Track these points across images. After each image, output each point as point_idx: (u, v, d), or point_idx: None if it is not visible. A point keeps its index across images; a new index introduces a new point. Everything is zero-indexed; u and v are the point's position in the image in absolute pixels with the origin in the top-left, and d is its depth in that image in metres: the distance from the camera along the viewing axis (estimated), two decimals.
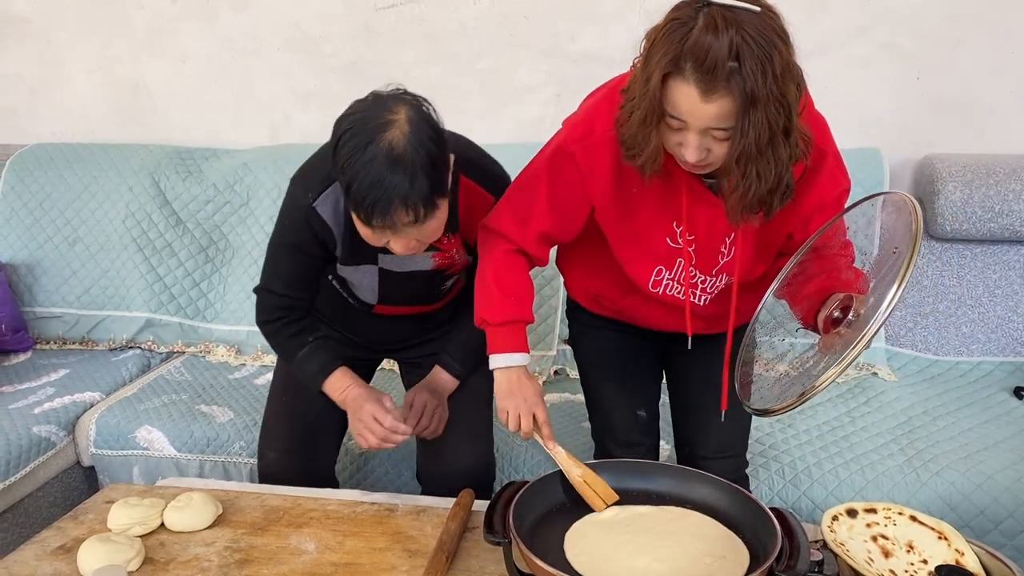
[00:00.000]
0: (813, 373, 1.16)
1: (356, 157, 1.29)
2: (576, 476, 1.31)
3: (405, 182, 1.28)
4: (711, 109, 1.12)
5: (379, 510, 1.45)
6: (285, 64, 2.72)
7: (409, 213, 1.30)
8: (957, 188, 2.20)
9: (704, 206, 1.34)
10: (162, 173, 2.63)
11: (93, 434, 2.11)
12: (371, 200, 1.29)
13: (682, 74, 1.12)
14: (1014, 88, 2.37)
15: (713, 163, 1.22)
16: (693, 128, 1.16)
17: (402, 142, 1.29)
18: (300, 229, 1.52)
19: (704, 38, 1.09)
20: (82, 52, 2.84)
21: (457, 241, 1.58)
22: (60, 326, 2.60)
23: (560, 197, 1.38)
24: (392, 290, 1.65)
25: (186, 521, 1.39)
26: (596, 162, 1.34)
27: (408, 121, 1.31)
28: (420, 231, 1.36)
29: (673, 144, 1.21)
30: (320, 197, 1.48)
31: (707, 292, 1.46)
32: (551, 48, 2.55)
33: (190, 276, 2.58)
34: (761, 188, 1.19)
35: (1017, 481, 1.72)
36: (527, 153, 2.44)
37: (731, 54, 1.08)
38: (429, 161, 1.30)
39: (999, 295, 2.25)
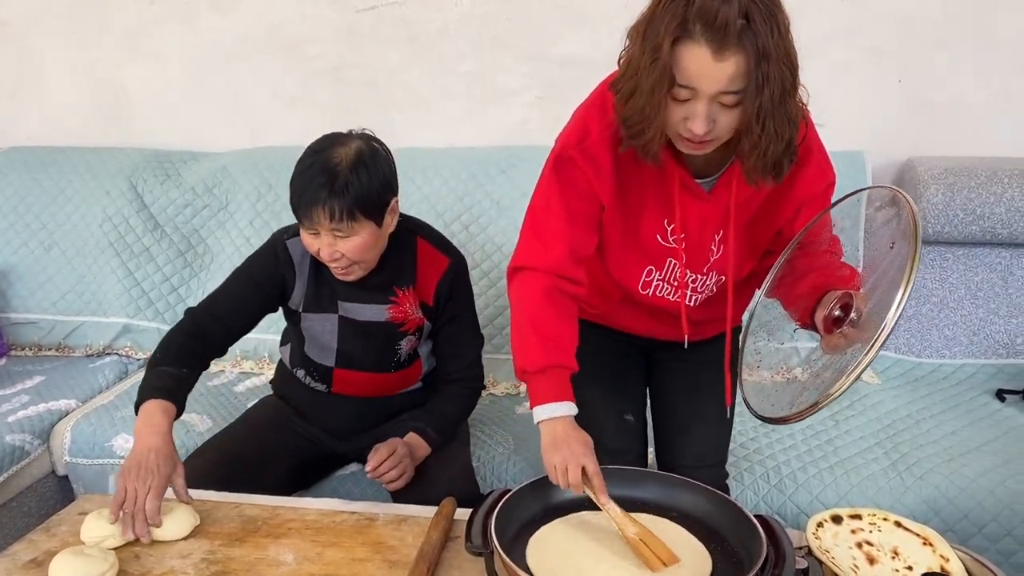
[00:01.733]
0: (824, 380, 1.13)
1: (300, 165, 1.52)
2: (631, 534, 1.21)
3: (327, 187, 1.47)
4: (725, 69, 1.11)
5: (359, 519, 1.42)
6: (266, 67, 2.69)
7: (326, 214, 1.47)
8: (939, 191, 2.20)
9: (696, 202, 1.34)
10: (140, 176, 2.60)
11: (68, 442, 2.07)
12: (297, 197, 1.50)
13: (692, 36, 1.10)
14: (995, 91, 2.38)
15: (718, 137, 1.20)
16: (703, 95, 1.14)
17: (339, 159, 1.50)
18: (266, 259, 1.68)
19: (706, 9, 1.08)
20: (61, 55, 2.79)
21: (413, 296, 1.69)
22: (35, 332, 2.55)
23: (573, 204, 1.35)
24: (350, 345, 1.70)
25: (163, 531, 1.36)
26: (598, 162, 1.32)
27: (355, 150, 1.52)
28: (344, 243, 1.52)
29: (678, 120, 1.18)
30: (295, 238, 1.64)
31: (698, 292, 1.45)
32: (534, 51, 2.54)
33: (168, 281, 2.55)
34: (779, 145, 1.18)
35: (1000, 485, 1.72)
36: (510, 156, 2.47)
37: (740, 12, 1.08)
38: (358, 180, 1.49)
39: (981, 297, 2.26)
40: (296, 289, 1.68)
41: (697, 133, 1.17)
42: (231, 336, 1.68)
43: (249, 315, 1.69)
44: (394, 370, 1.75)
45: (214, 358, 1.67)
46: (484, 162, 2.47)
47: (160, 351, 1.59)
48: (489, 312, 2.34)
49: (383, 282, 1.66)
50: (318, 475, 1.85)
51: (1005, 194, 2.17)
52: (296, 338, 1.75)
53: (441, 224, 2.39)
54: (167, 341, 1.61)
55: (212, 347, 1.66)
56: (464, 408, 1.79)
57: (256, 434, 1.76)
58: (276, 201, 2.52)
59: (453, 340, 1.76)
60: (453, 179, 2.44)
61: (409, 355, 1.75)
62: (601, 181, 1.33)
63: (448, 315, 1.72)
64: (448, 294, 1.70)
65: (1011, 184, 2.18)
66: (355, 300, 1.67)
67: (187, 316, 1.66)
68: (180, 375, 1.55)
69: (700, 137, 1.18)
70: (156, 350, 1.60)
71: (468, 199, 2.43)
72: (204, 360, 1.64)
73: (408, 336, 1.72)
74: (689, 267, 1.41)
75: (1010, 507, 1.68)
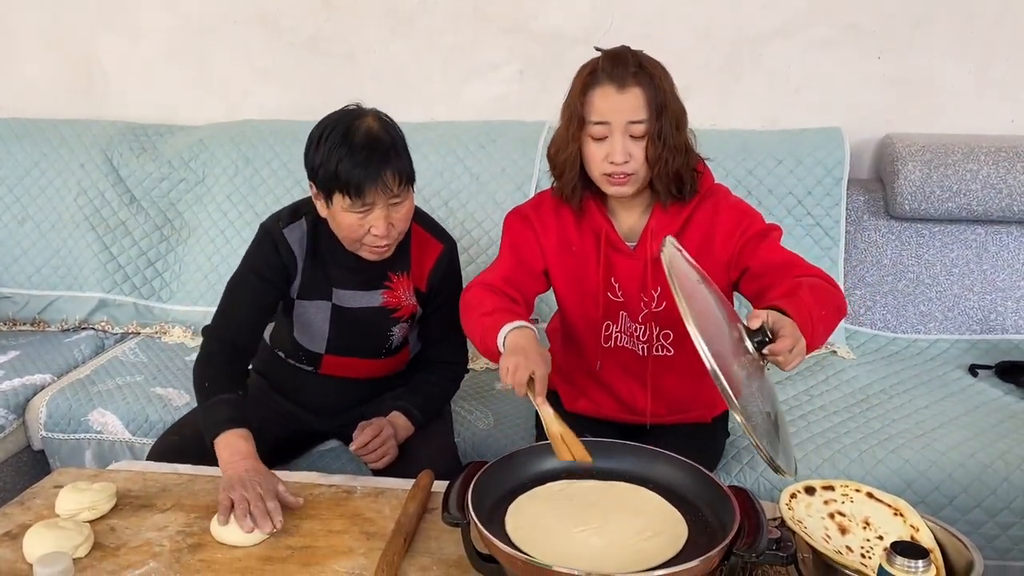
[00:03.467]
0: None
1: (337, 147, 1.46)
2: (555, 431, 1.27)
3: (390, 153, 1.47)
4: (629, 100, 1.39)
5: (336, 492, 1.43)
6: (243, 39, 2.66)
7: (395, 181, 1.47)
8: (916, 168, 2.22)
9: (623, 259, 1.52)
10: (115, 150, 2.57)
11: (44, 417, 2.06)
12: (357, 175, 1.45)
13: (598, 81, 1.41)
14: (972, 68, 2.39)
15: (636, 171, 1.42)
16: (616, 127, 1.39)
17: (376, 126, 1.49)
18: (266, 252, 1.62)
19: (610, 58, 1.41)
20: (34, 26, 2.75)
21: (407, 282, 1.68)
22: (10, 307, 2.53)
23: (519, 246, 1.57)
24: (342, 332, 1.68)
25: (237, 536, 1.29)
26: (545, 222, 1.56)
27: (375, 118, 1.52)
28: (396, 211, 1.51)
29: (600, 160, 1.42)
30: (289, 226, 1.62)
31: (642, 341, 1.57)
32: (514, 25, 2.52)
33: (145, 255, 2.53)
34: (678, 160, 1.42)
35: (971, 457, 1.74)
36: (490, 131, 2.45)
37: (635, 62, 1.40)
38: (402, 142, 1.52)
39: (956, 274, 2.28)
40: (297, 277, 1.65)
41: (616, 161, 1.40)
42: (257, 339, 1.68)
43: (266, 313, 1.66)
44: (384, 356, 1.74)
45: (250, 364, 1.68)
46: (463, 137, 2.46)
47: (206, 379, 1.54)
48: None
49: (379, 267, 1.63)
50: (296, 451, 1.85)
51: (981, 171, 2.19)
52: (284, 323, 1.72)
53: (420, 200, 2.37)
54: (208, 366, 1.57)
55: (247, 357, 1.65)
56: (447, 390, 1.80)
57: None
58: (254, 176, 2.49)
59: (440, 325, 1.74)
60: (432, 154, 2.43)
61: (400, 342, 1.74)
62: (546, 238, 1.56)
63: (439, 300, 1.71)
64: (440, 280, 1.70)
65: (987, 161, 2.19)
66: (350, 286, 1.65)
67: (211, 339, 1.61)
68: (238, 399, 1.51)
69: (620, 169, 1.41)
70: (201, 379, 1.55)
71: (447, 174, 2.42)
72: (247, 373, 1.66)
73: (401, 323, 1.70)
74: (631, 318, 1.56)
75: (979, 479, 1.71)
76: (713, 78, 2.49)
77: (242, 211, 2.48)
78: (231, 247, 2.45)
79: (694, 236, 1.49)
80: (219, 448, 1.43)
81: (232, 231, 2.48)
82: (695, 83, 2.48)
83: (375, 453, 1.59)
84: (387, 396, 1.77)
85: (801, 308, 1.24)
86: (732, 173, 2.31)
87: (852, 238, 2.32)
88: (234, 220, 2.49)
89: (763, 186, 2.30)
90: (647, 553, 1.13)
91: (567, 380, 1.71)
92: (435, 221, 1.75)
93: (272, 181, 2.49)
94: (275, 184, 2.48)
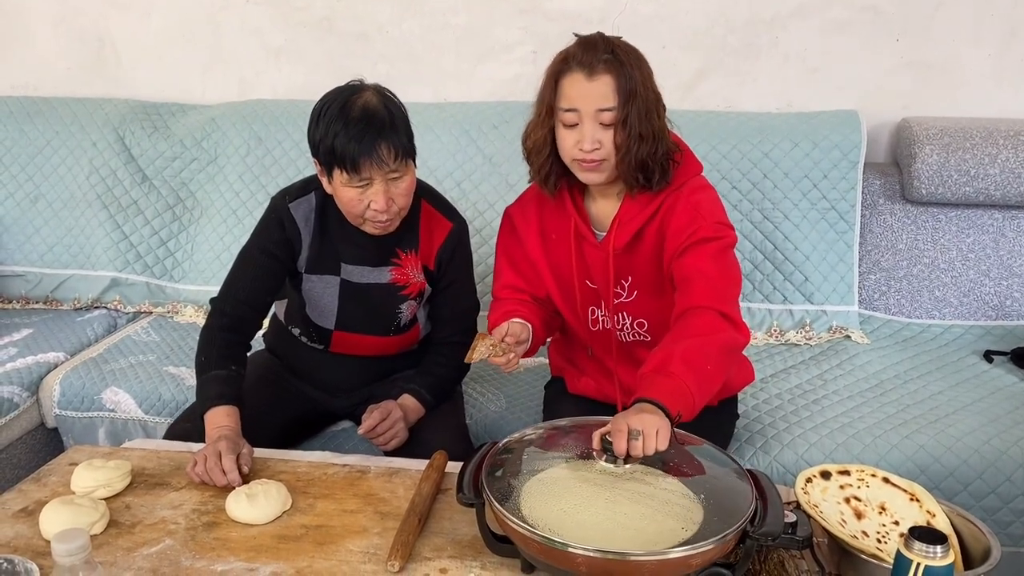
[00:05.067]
0: None
1: (335, 121, 1.46)
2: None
3: (385, 126, 1.46)
4: (598, 87, 1.38)
5: (350, 472, 1.43)
6: (255, 18, 2.64)
7: (391, 154, 1.46)
8: (934, 152, 2.19)
9: (592, 249, 1.54)
10: (127, 129, 2.56)
11: (57, 395, 2.07)
12: (353, 149, 1.44)
13: (569, 68, 1.40)
14: (992, 52, 2.36)
15: (606, 157, 1.42)
16: (585, 114, 1.39)
17: (374, 101, 1.49)
18: (272, 228, 1.63)
19: (582, 45, 1.41)
20: (45, 4, 2.73)
21: (415, 260, 1.68)
22: (23, 285, 2.53)
23: (510, 249, 1.63)
24: (350, 307, 1.68)
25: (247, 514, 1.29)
26: (527, 215, 1.60)
27: (375, 92, 1.51)
28: (396, 186, 1.51)
29: (571, 145, 1.42)
30: (296, 201, 1.62)
31: (623, 330, 1.59)
32: (528, 5, 2.50)
33: (157, 235, 2.53)
34: (644, 148, 1.40)
35: (986, 443, 1.73)
36: (504, 111, 2.44)
37: (607, 49, 1.39)
38: (402, 116, 1.51)
39: (972, 259, 2.26)
40: (303, 252, 1.65)
41: (585, 148, 1.40)
42: (262, 313, 1.68)
43: (271, 288, 1.67)
44: (393, 334, 1.74)
45: (251, 340, 1.67)
46: (476, 118, 2.44)
47: (204, 353, 1.60)
48: (480, 270, 2.32)
49: (387, 243, 1.63)
50: (309, 432, 1.85)
51: (1000, 156, 2.16)
52: (296, 298, 1.73)
53: (433, 181, 2.36)
54: (207, 341, 1.61)
55: (250, 331, 1.66)
56: (457, 369, 1.78)
57: (248, 393, 1.74)
58: (266, 155, 2.49)
59: (449, 304, 1.75)
60: (445, 135, 2.42)
61: (409, 320, 1.74)
62: (528, 233, 1.60)
63: (447, 280, 1.72)
64: (449, 259, 1.70)
65: (1006, 146, 2.17)
66: (358, 262, 1.66)
67: (215, 309, 1.64)
68: (231, 375, 1.56)
69: (590, 155, 1.41)
70: (200, 352, 1.61)
71: (460, 155, 2.40)
72: (245, 349, 1.66)
73: (409, 300, 1.70)
74: (606, 307, 1.58)
75: (994, 465, 1.70)
76: (729, 60, 2.46)
77: (254, 191, 2.48)
78: (243, 226, 2.45)
79: (653, 228, 1.49)
80: (206, 421, 1.51)
81: (244, 211, 2.47)
82: (711, 65, 2.47)
83: (384, 436, 1.60)
84: (398, 377, 1.77)
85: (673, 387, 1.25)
86: (748, 156, 2.29)
87: (868, 222, 2.31)
88: (246, 200, 2.48)
89: (779, 169, 2.29)
90: (662, 534, 1.12)
91: (570, 362, 1.73)
92: (446, 200, 1.74)
93: (284, 161, 2.48)
94: (287, 164, 2.47)
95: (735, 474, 1.21)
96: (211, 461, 1.37)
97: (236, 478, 1.36)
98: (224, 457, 1.37)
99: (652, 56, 1.46)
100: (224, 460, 1.37)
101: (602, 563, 1.05)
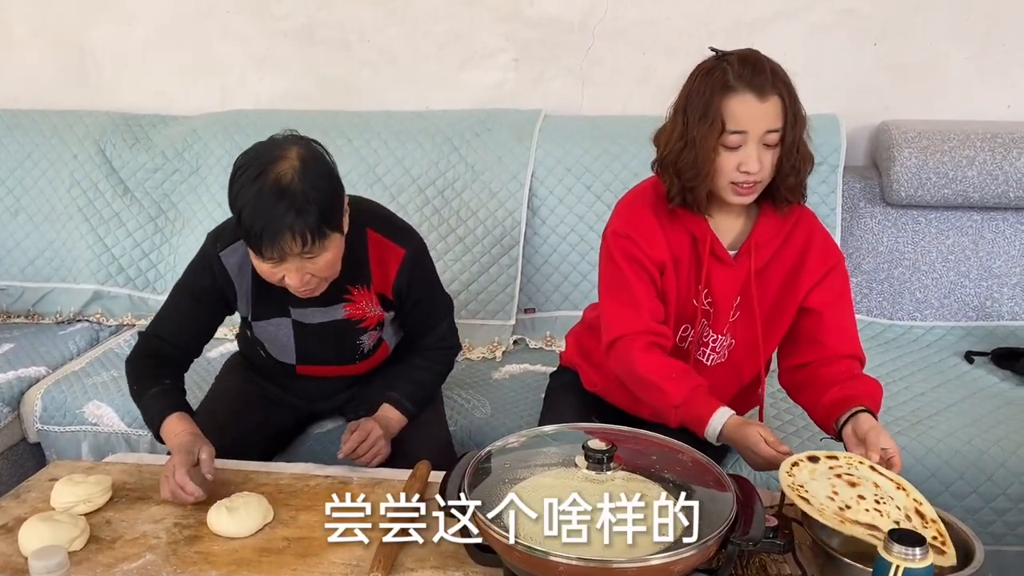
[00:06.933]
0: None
1: (246, 189, 1.34)
2: None
3: (292, 211, 1.32)
4: (769, 109, 1.36)
5: (333, 483, 1.43)
6: (236, 27, 2.64)
7: (297, 241, 1.33)
8: (913, 154, 2.21)
9: (721, 268, 1.48)
10: (108, 140, 2.55)
11: (39, 410, 2.05)
12: (258, 228, 1.33)
13: (736, 90, 1.36)
14: (970, 55, 2.38)
15: (763, 180, 1.40)
16: (753, 136, 1.36)
17: (290, 174, 1.34)
18: (201, 275, 1.56)
19: (746, 64, 1.37)
20: (24, 13, 2.72)
21: (369, 294, 1.60)
22: (4, 299, 2.51)
23: (640, 273, 1.49)
24: (309, 345, 1.63)
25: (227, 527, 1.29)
26: (648, 233, 1.48)
27: (298, 157, 1.36)
28: (313, 264, 1.38)
29: (731, 168, 1.38)
30: (228, 248, 1.53)
31: (715, 352, 1.56)
32: (511, 12, 2.50)
33: (139, 247, 2.51)
34: (807, 169, 1.42)
35: (967, 444, 1.75)
36: (486, 119, 2.44)
37: (770, 69, 1.37)
38: (317, 192, 1.35)
39: (952, 261, 2.28)
40: (240, 300, 1.58)
41: (752, 171, 1.37)
42: (188, 354, 1.62)
43: (198, 332, 1.62)
44: (359, 360, 1.70)
45: (183, 372, 1.62)
46: (459, 126, 2.44)
47: (134, 382, 1.55)
48: (465, 277, 2.33)
49: (335, 282, 1.51)
50: (298, 432, 1.83)
51: (977, 158, 2.18)
52: (251, 336, 1.68)
53: (415, 189, 2.37)
54: (132, 370, 1.57)
55: (176, 366, 1.60)
56: (439, 373, 1.75)
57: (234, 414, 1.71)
58: None
59: (421, 321, 1.69)
60: (427, 143, 2.42)
61: (373, 346, 1.69)
62: (653, 248, 1.48)
63: (412, 301, 1.64)
64: (408, 285, 1.61)
65: (983, 148, 2.19)
66: (306, 304, 1.55)
67: (140, 340, 1.60)
68: (166, 387, 1.52)
69: (753, 179, 1.38)
70: (129, 382, 1.57)
71: (443, 164, 2.40)
72: (176, 369, 1.60)
73: (369, 331, 1.65)
74: (713, 327, 1.53)
75: (976, 465, 1.71)
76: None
77: None
78: None
79: (788, 257, 1.50)
80: (164, 437, 1.47)
81: None
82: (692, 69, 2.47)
83: (365, 456, 1.55)
84: (378, 383, 1.73)
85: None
86: None
87: (848, 225, 2.32)
88: (228, 211, 2.46)
89: None
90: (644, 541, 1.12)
91: (589, 360, 1.69)
92: (395, 224, 1.63)
93: None
94: None
95: (717, 479, 1.21)
96: (170, 483, 1.34)
97: (194, 490, 1.33)
98: (176, 473, 1.34)
99: (634, 62, 1.47)
100: (177, 475, 1.34)
101: (584, 571, 1.05)
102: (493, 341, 2.28)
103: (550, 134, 2.39)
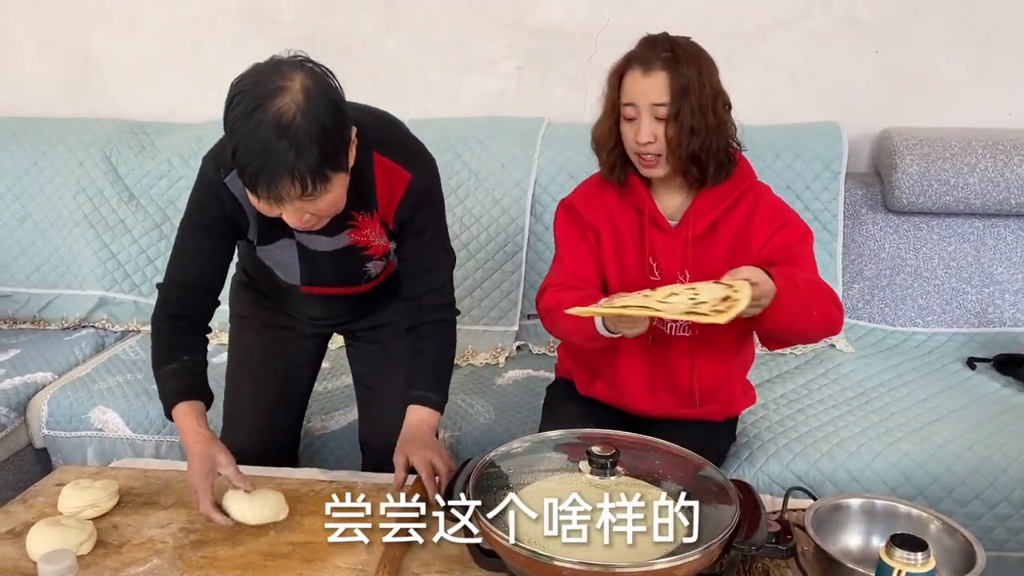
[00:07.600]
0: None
1: (243, 122, 1.21)
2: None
3: (292, 152, 1.20)
4: (652, 83, 1.46)
5: (338, 488, 1.43)
6: (240, 34, 2.65)
7: (296, 185, 1.22)
8: (914, 161, 2.22)
9: (662, 236, 1.56)
10: (114, 148, 2.57)
11: (45, 415, 2.07)
12: (255, 168, 1.21)
13: (630, 68, 1.49)
14: (970, 62, 2.39)
15: (662, 152, 1.48)
16: (642, 109, 1.47)
17: (292, 110, 1.21)
18: (208, 206, 1.45)
19: (644, 44, 1.50)
20: (28, 22, 2.74)
21: (374, 221, 1.50)
22: (10, 305, 2.53)
23: (572, 238, 1.62)
24: (314, 269, 1.57)
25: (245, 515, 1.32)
26: (591, 205, 1.61)
27: (302, 89, 1.23)
28: (313, 205, 1.27)
29: (631, 139, 1.49)
30: (233, 173, 1.37)
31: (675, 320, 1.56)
32: (512, 19, 2.52)
33: (144, 253, 2.53)
34: (694, 143, 1.46)
35: (969, 450, 1.75)
36: (488, 126, 2.46)
37: (666, 47, 1.47)
38: (322, 132, 1.22)
39: (954, 267, 2.29)
40: (251, 226, 1.49)
41: (642, 141, 1.47)
42: (213, 294, 1.52)
43: (218, 267, 1.52)
44: (366, 283, 1.63)
45: (208, 323, 1.54)
46: (461, 133, 2.46)
47: (154, 349, 1.49)
48: (469, 283, 2.35)
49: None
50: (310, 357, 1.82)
51: (979, 165, 2.19)
52: (256, 258, 1.61)
53: None
54: (155, 334, 1.50)
55: (200, 316, 1.52)
56: (449, 345, 1.60)
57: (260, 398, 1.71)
58: None
59: (419, 256, 1.55)
60: (431, 150, 2.41)
61: (379, 271, 1.62)
62: (593, 217, 1.60)
63: (412, 231, 1.51)
64: (411, 214, 1.49)
65: (984, 155, 2.20)
66: (312, 231, 1.43)
67: (160, 296, 1.51)
68: (183, 364, 1.46)
69: (649, 150, 1.47)
70: (152, 347, 1.50)
71: (446, 170, 2.38)
72: (199, 334, 1.53)
73: (375, 260, 1.57)
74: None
75: (978, 471, 1.72)
76: None
77: None
78: None
79: (732, 224, 1.54)
80: (178, 432, 1.43)
81: None
82: None
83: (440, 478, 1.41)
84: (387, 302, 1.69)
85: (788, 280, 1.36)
86: None
87: (850, 232, 2.33)
88: None
89: (762, 180, 2.28)
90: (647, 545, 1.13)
91: (583, 365, 1.71)
92: (407, 146, 1.51)
93: None
94: None
95: (720, 484, 1.22)
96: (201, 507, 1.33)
97: (223, 521, 1.32)
98: (201, 505, 1.32)
99: None
100: (202, 508, 1.32)
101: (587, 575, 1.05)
102: (496, 347, 2.30)
103: (553, 141, 2.40)
